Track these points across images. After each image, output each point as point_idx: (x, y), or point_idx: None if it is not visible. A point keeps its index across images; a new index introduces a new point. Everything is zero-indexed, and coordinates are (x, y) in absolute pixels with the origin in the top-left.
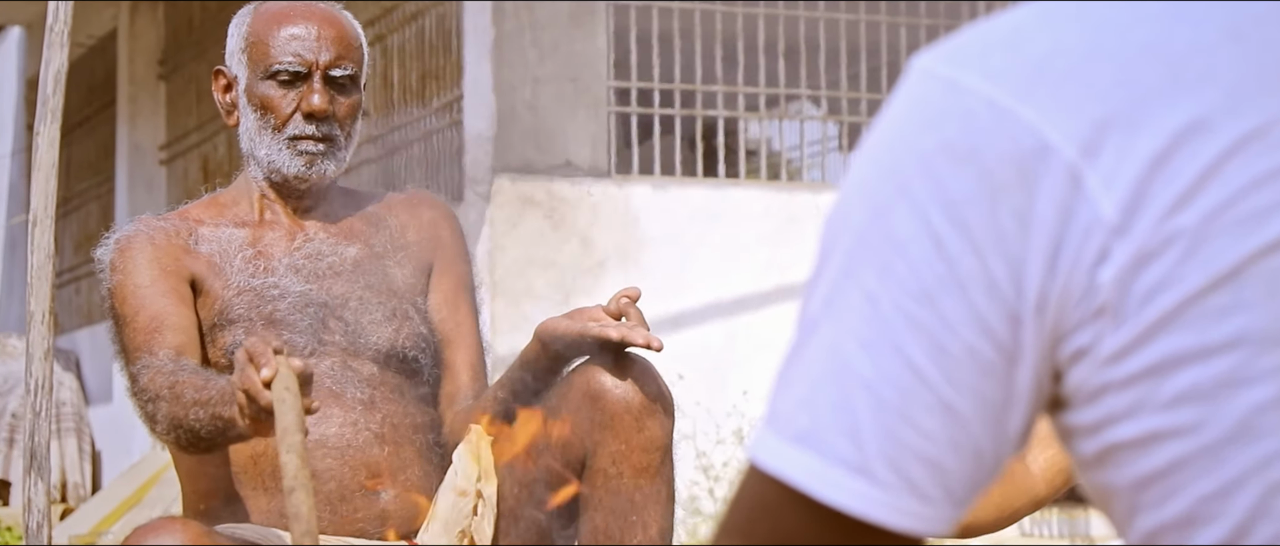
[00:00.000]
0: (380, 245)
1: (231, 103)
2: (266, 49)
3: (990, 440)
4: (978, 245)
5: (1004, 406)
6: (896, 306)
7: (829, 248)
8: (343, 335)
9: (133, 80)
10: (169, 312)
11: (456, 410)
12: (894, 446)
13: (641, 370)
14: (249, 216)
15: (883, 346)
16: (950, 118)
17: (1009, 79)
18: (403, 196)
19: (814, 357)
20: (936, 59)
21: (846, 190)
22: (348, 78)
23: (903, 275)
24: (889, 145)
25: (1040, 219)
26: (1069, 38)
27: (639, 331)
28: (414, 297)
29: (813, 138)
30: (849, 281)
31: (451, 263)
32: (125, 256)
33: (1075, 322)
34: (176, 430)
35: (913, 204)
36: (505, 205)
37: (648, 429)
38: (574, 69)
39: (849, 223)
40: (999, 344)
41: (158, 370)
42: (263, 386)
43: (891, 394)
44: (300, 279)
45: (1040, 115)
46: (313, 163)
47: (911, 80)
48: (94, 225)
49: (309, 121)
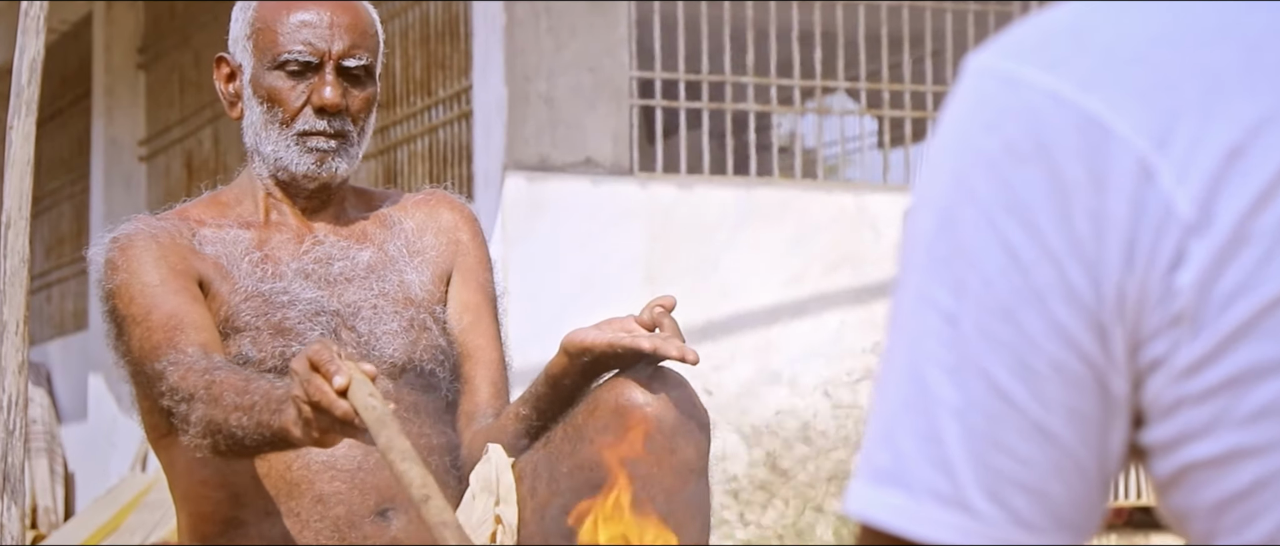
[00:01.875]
0: (395, 249)
1: (235, 93)
2: (275, 36)
3: (1093, 458)
4: (1052, 251)
5: (1102, 421)
6: (975, 325)
7: (903, 268)
8: (355, 346)
9: (109, 69)
10: (186, 310)
11: (475, 429)
12: (990, 475)
13: (675, 385)
14: (254, 217)
15: (965, 369)
16: (1012, 116)
17: (1072, 70)
18: (419, 197)
19: (894, 388)
20: (994, 54)
21: (914, 205)
22: (362, 68)
23: (978, 290)
24: (950, 151)
25: (1114, 217)
26: (1135, 23)
27: (673, 343)
28: (432, 306)
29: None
30: (923, 303)
31: (472, 269)
32: (128, 255)
33: (1152, 330)
34: (214, 435)
35: (980, 212)
36: (518, 206)
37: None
38: (593, 58)
39: (919, 240)
40: (1086, 355)
41: (189, 367)
42: (338, 395)
43: (980, 420)
44: (310, 285)
45: (1107, 106)
46: (323, 161)
47: (968, 80)
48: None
49: (320, 116)
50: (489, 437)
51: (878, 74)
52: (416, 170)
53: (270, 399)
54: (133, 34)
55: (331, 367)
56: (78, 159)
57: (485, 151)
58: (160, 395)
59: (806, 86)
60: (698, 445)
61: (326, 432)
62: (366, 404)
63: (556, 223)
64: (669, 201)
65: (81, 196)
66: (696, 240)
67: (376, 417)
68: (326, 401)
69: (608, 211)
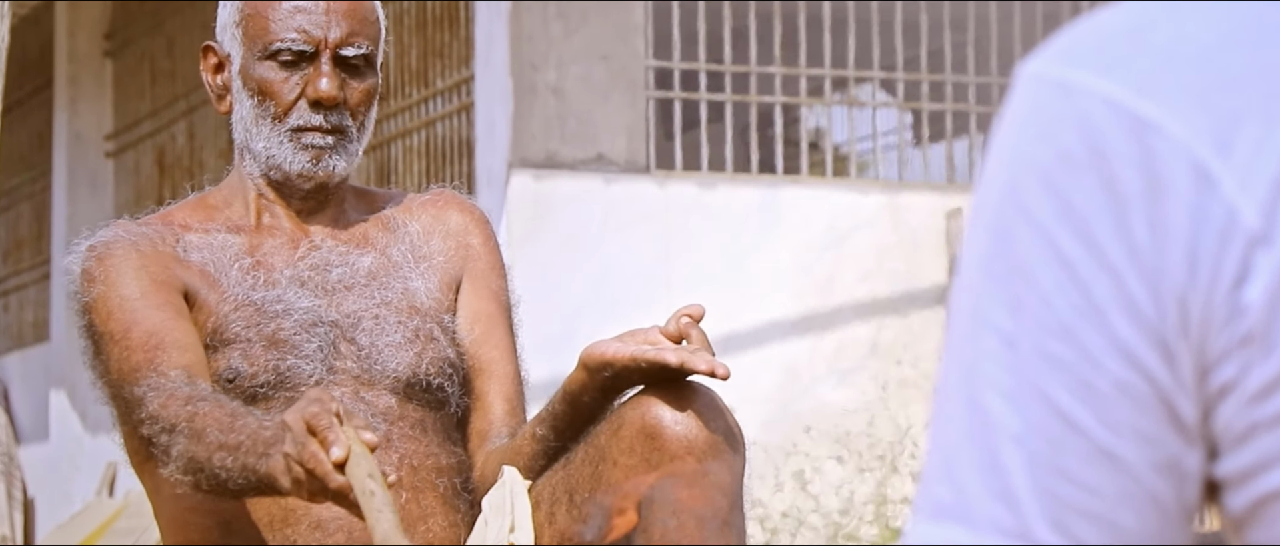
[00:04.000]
0: (399, 254)
1: (223, 85)
2: (266, 23)
3: (1168, 486)
4: (1111, 264)
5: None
6: (1034, 345)
7: (957, 289)
8: (355, 360)
9: (73, 58)
10: (169, 327)
11: (488, 450)
12: (1055, 505)
13: (706, 403)
14: (244, 220)
15: (1025, 394)
16: (1066, 123)
17: (1127, 74)
18: (425, 197)
19: (951, 417)
20: (1045, 60)
21: (970, 221)
22: (362, 58)
23: (1035, 309)
24: (1003, 163)
25: (1174, 226)
26: (1192, 24)
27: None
28: (439, 316)
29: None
30: (979, 324)
31: (484, 275)
32: (107, 265)
33: (1220, 351)
34: (196, 473)
35: (1036, 226)
36: (524, 207)
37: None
38: (606, 46)
39: (974, 256)
40: (1150, 375)
41: (170, 394)
42: (335, 469)
43: (1042, 446)
44: (306, 293)
45: (1164, 110)
46: (319, 158)
47: (1020, 88)
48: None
49: (316, 110)
50: (503, 459)
51: (915, 63)
52: (412, 168)
53: (258, 441)
54: (99, 19)
55: (331, 436)
56: (38, 155)
57: (488, 148)
58: (139, 423)
59: (837, 77)
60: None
61: (316, 495)
62: (365, 488)
63: (566, 225)
64: (688, 202)
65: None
66: (718, 244)
67: (372, 505)
68: (321, 472)
69: (622, 213)
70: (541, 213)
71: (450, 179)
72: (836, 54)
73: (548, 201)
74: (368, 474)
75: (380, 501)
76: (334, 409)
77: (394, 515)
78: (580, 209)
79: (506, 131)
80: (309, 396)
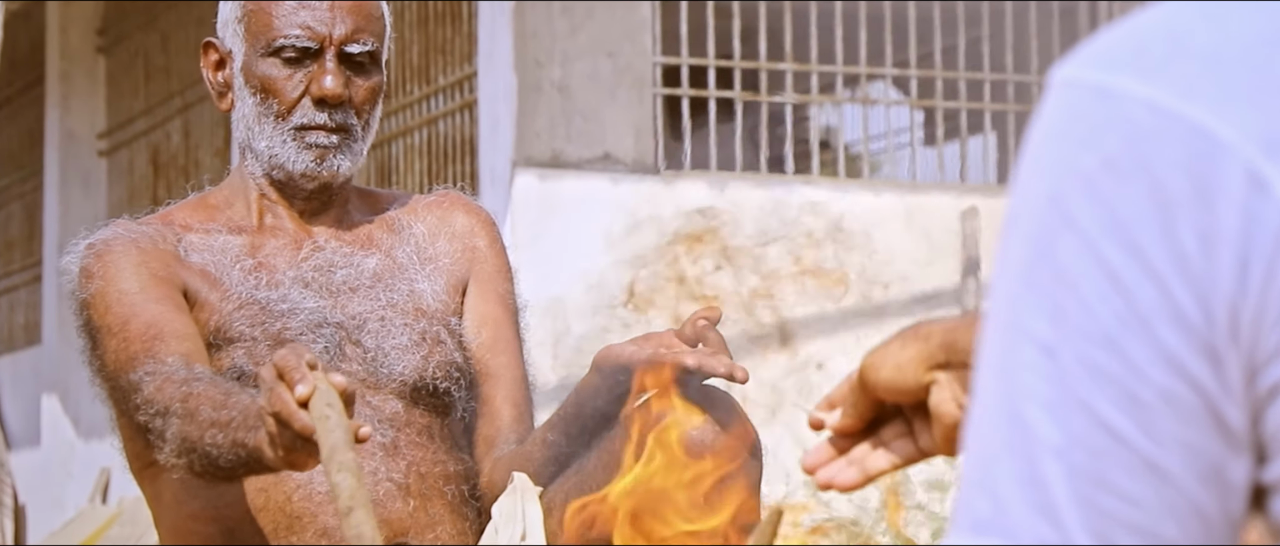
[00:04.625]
0: (404, 256)
1: (224, 83)
2: (269, 19)
3: (1213, 498)
4: (1157, 272)
5: (1219, 456)
6: (1076, 356)
7: (995, 298)
8: (361, 364)
9: (65, 54)
10: (168, 319)
11: (496, 456)
12: (1098, 518)
13: (725, 407)
14: (246, 221)
15: (1067, 405)
16: (1108, 129)
17: (1170, 77)
18: (431, 198)
19: (990, 429)
20: (1081, 65)
21: (1005, 229)
22: (367, 55)
23: (1078, 318)
24: (1043, 170)
25: (1223, 233)
26: (1235, 23)
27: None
28: (446, 318)
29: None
30: (1018, 334)
31: (490, 278)
32: (106, 262)
33: (1269, 353)
34: (189, 453)
35: (1079, 234)
36: (528, 207)
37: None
38: (613, 42)
39: (1011, 266)
40: (1197, 384)
41: (166, 378)
42: (299, 406)
43: (1084, 458)
44: (310, 295)
45: (1211, 113)
46: (323, 157)
47: (1056, 92)
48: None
49: (320, 108)
50: (513, 466)
51: (929, 60)
52: (413, 167)
53: (248, 414)
54: (91, 14)
55: (295, 376)
56: (29, 154)
57: (491, 146)
58: (136, 409)
59: (850, 74)
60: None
61: (291, 451)
62: (320, 412)
63: (571, 226)
64: (698, 202)
65: (34, 195)
66: (728, 245)
67: (325, 426)
68: (286, 412)
69: (629, 213)
70: (546, 213)
71: (452, 178)
72: (848, 51)
73: (553, 202)
74: (326, 403)
75: (333, 424)
76: (307, 357)
77: (345, 435)
78: (586, 209)
79: (510, 130)
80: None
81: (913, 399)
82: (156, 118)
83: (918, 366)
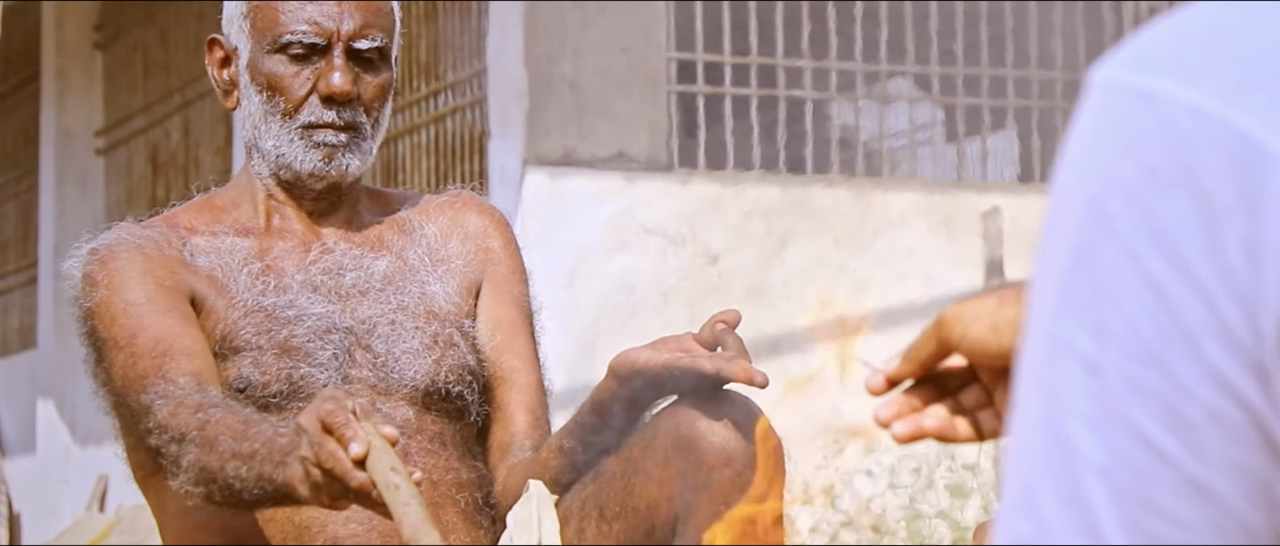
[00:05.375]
0: (415, 257)
1: (230, 80)
2: (275, 15)
3: (1261, 517)
4: (1202, 286)
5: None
6: (1120, 372)
7: (1034, 312)
8: (371, 369)
9: (61, 49)
10: (177, 333)
11: (511, 463)
12: (1144, 540)
13: (745, 413)
14: (253, 223)
15: (1111, 423)
16: (1150, 136)
17: (1215, 81)
18: (443, 199)
19: (1031, 447)
20: (1121, 66)
21: (1044, 239)
22: (376, 51)
23: (1121, 333)
24: (1083, 178)
25: (1271, 244)
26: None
27: (739, 364)
28: (459, 320)
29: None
30: (1060, 350)
31: (505, 280)
32: (110, 269)
33: None
34: (208, 483)
35: (1121, 245)
36: (539, 207)
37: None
38: (626, 37)
39: (1051, 278)
40: (1245, 402)
41: (180, 402)
42: (355, 466)
43: (1129, 478)
44: (319, 298)
45: (1258, 120)
46: (332, 157)
47: (1095, 97)
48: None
49: (328, 106)
50: (528, 473)
51: (951, 57)
52: (420, 166)
53: (273, 448)
54: (88, 8)
55: (349, 433)
56: (24, 152)
57: (502, 144)
58: (147, 432)
59: (869, 71)
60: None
61: (338, 499)
62: (388, 482)
63: (584, 226)
64: (713, 202)
65: (28, 195)
66: (745, 246)
67: (397, 497)
68: (341, 470)
69: (643, 213)
70: (558, 213)
71: (461, 177)
72: (868, 47)
73: (564, 201)
74: (391, 468)
75: (406, 494)
76: (350, 406)
77: (422, 508)
78: (599, 209)
79: (521, 127)
80: (324, 394)
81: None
82: (155, 115)
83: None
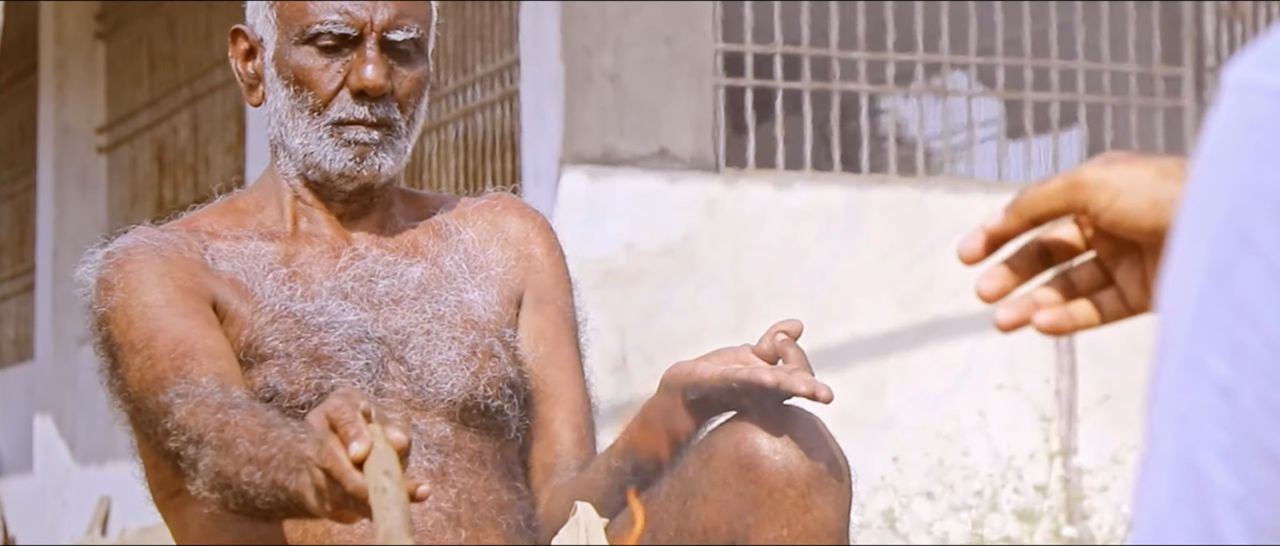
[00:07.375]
0: (452, 264)
1: (255, 74)
2: (304, 3)
3: None
4: None
5: None
6: (1258, 397)
7: (1164, 334)
8: (406, 382)
9: (61, 40)
10: (198, 335)
11: (556, 484)
12: None
13: (808, 430)
14: (279, 226)
15: (1246, 452)
16: None
17: None
18: (481, 202)
19: (1161, 478)
20: (1258, 65)
21: (1176, 252)
22: (411, 42)
23: (1260, 356)
24: (1219, 185)
25: None
26: None
27: (801, 377)
28: (499, 330)
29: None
30: (1193, 373)
31: (548, 289)
32: (127, 272)
33: None
34: (223, 489)
35: (1262, 260)
36: (576, 208)
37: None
38: (670, 27)
39: (1184, 293)
40: None
41: (200, 402)
42: (353, 466)
43: (1266, 511)
44: (350, 307)
45: None
46: (364, 156)
47: (1231, 98)
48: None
49: (360, 101)
50: (575, 494)
51: (1016, 48)
52: (448, 165)
53: (290, 455)
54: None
55: (351, 431)
56: (21, 150)
57: (536, 141)
58: (165, 435)
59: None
60: (837, 501)
61: (339, 507)
62: (378, 483)
63: (624, 228)
64: (762, 203)
65: (26, 196)
66: (795, 250)
67: (382, 501)
68: (338, 471)
69: (687, 215)
70: (596, 215)
71: (492, 177)
72: (928, 38)
73: (603, 202)
74: (384, 470)
75: (391, 498)
76: (362, 405)
77: (403, 514)
78: (640, 210)
79: (557, 123)
80: (337, 392)
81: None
82: (161, 110)
83: None
